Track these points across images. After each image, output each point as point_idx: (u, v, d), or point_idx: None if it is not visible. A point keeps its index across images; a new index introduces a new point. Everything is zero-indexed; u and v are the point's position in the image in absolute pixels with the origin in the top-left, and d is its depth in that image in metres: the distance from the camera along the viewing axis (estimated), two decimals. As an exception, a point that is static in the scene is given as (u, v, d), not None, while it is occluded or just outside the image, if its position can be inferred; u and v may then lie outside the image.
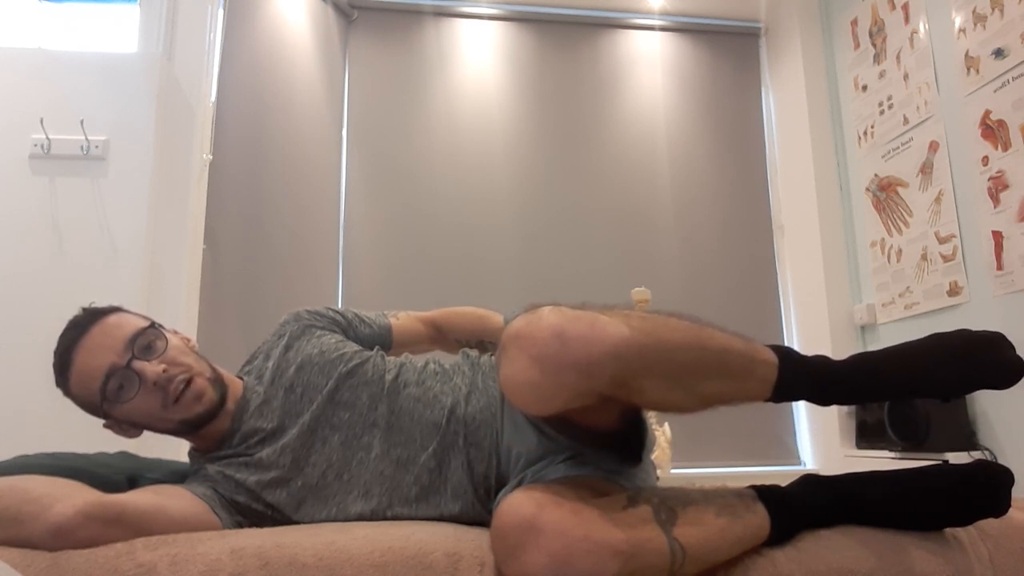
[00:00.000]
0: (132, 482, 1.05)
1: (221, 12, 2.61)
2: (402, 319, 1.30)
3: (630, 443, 0.98)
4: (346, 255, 2.91)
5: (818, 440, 2.87)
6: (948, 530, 0.89)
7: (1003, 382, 0.84)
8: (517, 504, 0.73)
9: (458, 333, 1.33)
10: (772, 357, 0.84)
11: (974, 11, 2.28)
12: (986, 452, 2.19)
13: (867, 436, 2.56)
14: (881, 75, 2.75)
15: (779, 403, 0.86)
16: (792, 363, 0.85)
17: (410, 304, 1.41)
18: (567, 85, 3.18)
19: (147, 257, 2.24)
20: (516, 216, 3.01)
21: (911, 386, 0.85)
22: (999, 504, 0.86)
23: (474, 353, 1.19)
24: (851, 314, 2.86)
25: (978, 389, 0.85)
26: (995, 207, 2.20)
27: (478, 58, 3.14)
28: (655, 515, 0.76)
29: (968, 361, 0.84)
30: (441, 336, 1.34)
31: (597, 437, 0.92)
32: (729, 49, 3.34)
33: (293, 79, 2.79)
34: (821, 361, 0.88)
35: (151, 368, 0.99)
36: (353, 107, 3.03)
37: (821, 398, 0.87)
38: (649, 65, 3.25)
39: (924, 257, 2.50)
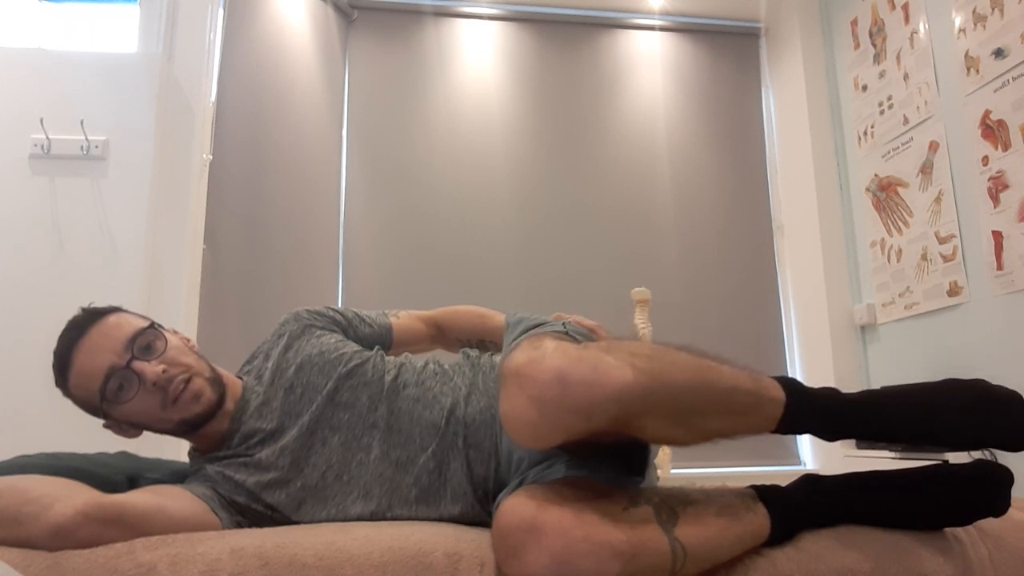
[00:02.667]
0: (132, 482, 1.05)
1: (221, 12, 2.61)
2: (402, 318, 1.30)
3: (632, 457, 0.97)
4: (346, 255, 2.91)
5: (818, 440, 2.87)
6: (948, 530, 0.89)
7: (1018, 447, 0.83)
8: (518, 504, 0.73)
9: (459, 332, 1.33)
10: (780, 394, 0.83)
11: (974, 11, 2.28)
12: (986, 452, 2.19)
13: (867, 436, 2.56)
14: (881, 75, 2.75)
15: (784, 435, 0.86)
16: (799, 399, 0.83)
17: (410, 304, 1.41)
18: (567, 85, 3.18)
19: (147, 257, 2.24)
20: (516, 216, 3.01)
21: (920, 434, 0.84)
22: (999, 504, 0.86)
23: (474, 353, 1.19)
24: (851, 314, 2.86)
25: (989, 448, 0.84)
26: (995, 207, 2.20)
27: (478, 58, 3.14)
28: (656, 515, 0.76)
29: (983, 419, 0.82)
30: (442, 335, 1.34)
31: (599, 451, 0.92)
32: (729, 49, 3.34)
33: (293, 79, 2.79)
34: (829, 397, 0.86)
35: (151, 368, 0.99)
36: (353, 107, 3.03)
37: (826, 435, 0.86)
38: (649, 65, 3.25)
39: (924, 257, 2.50)
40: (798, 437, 2.97)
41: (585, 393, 0.69)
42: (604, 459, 0.93)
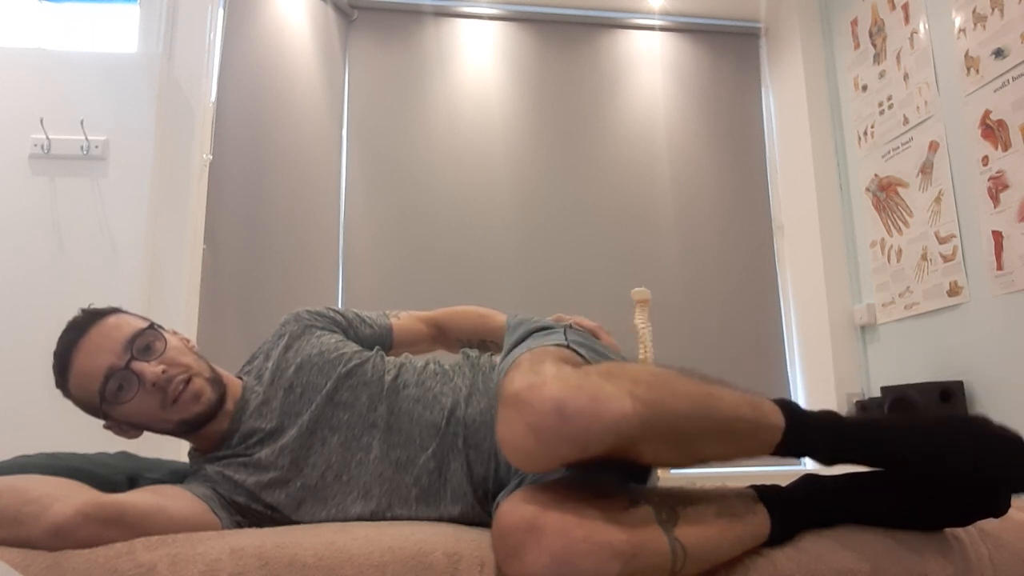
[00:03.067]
0: (132, 482, 1.05)
1: (221, 12, 2.61)
2: (403, 319, 1.30)
3: (636, 467, 0.97)
4: (346, 255, 2.91)
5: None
6: (948, 530, 0.89)
7: (1017, 490, 0.83)
8: (518, 504, 0.73)
9: (460, 332, 1.33)
10: (779, 420, 0.82)
11: (974, 11, 2.28)
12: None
13: (867, 436, 2.56)
14: (881, 75, 2.75)
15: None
16: (798, 425, 0.83)
17: (410, 304, 1.42)
18: (567, 85, 3.18)
19: (147, 257, 2.24)
20: (516, 216, 3.01)
21: (918, 470, 0.84)
22: (999, 504, 0.86)
23: (474, 353, 1.19)
24: (851, 314, 2.86)
25: (990, 486, 0.83)
26: (995, 207, 2.20)
27: (478, 58, 3.14)
28: (656, 515, 0.76)
29: (983, 460, 0.82)
30: (443, 336, 1.34)
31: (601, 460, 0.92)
32: (729, 49, 3.34)
33: (293, 79, 2.79)
34: (828, 422, 0.86)
35: (150, 369, 0.99)
36: (353, 107, 3.03)
37: (823, 462, 0.86)
38: (649, 65, 3.25)
39: (924, 257, 2.50)
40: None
41: (583, 424, 0.69)
42: (604, 460, 0.92)
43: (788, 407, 0.84)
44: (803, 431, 0.83)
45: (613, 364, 0.81)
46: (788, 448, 0.83)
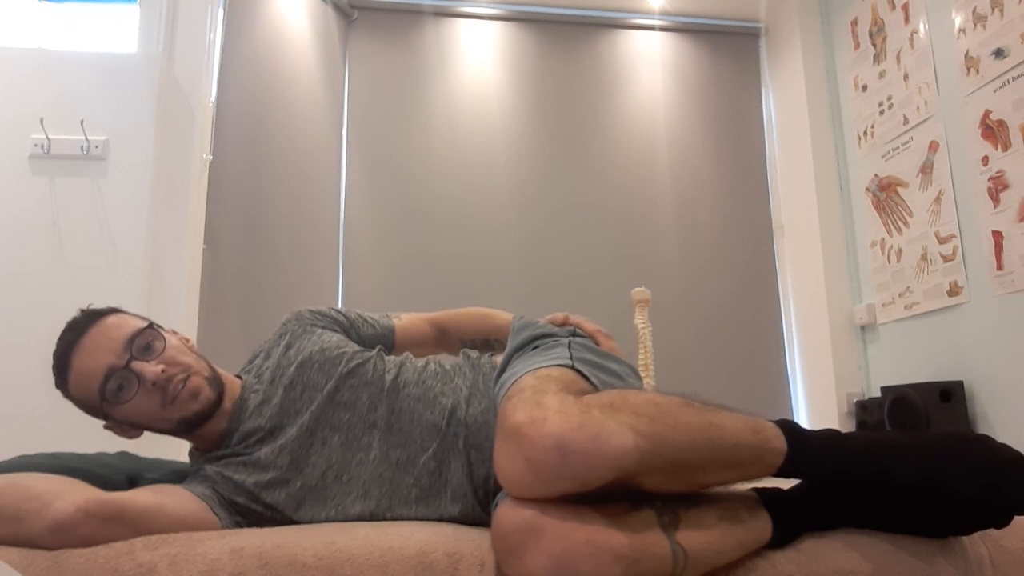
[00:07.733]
0: (132, 482, 1.05)
1: (221, 12, 2.61)
2: (405, 320, 1.30)
3: None
4: (346, 255, 2.91)
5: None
6: (948, 531, 0.89)
7: (1020, 512, 0.83)
8: (518, 504, 0.73)
9: (463, 332, 1.33)
10: (781, 445, 0.82)
11: (974, 11, 2.28)
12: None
13: (867, 436, 2.56)
14: (881, 75, 2.75)
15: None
16: (800, 449, 0.83)
17: (410, 304, 1.42)
18: (567, 85, 3.18)
19: (147, 257, 2.24)
20: (516, 216, 3.01)
21: (922, 490, 0.84)
22: (1001, 519, 0.85)
23: (474, 354, 1.19)
24: (851, 314, 2.86)
25: (992, 506, 0.82)
26: (995, 207, 2.20)
27: (478, 58, 3.14)
28: (658, 519, 0.76)
29: (984, 485, 0.81)
30: (445, 338, 1.34)
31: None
32: (729, 49, 3.34)
33: (293, 79, 2.79)
34: (830, 442, 0.85)
35: (150, 368, 0.99)
36: (353, 107, 3.03)
37: (826, 482, 0.87)
38: (649, 65, 3.25)
39: (924, 257, 2.50)
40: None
41: (584, 463, 0.69)
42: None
43: (790, 429, 0.84)
44: (805, 454, 0.83)
45: (615, 394, 0.80)
46: (790, 471, 0.83)
